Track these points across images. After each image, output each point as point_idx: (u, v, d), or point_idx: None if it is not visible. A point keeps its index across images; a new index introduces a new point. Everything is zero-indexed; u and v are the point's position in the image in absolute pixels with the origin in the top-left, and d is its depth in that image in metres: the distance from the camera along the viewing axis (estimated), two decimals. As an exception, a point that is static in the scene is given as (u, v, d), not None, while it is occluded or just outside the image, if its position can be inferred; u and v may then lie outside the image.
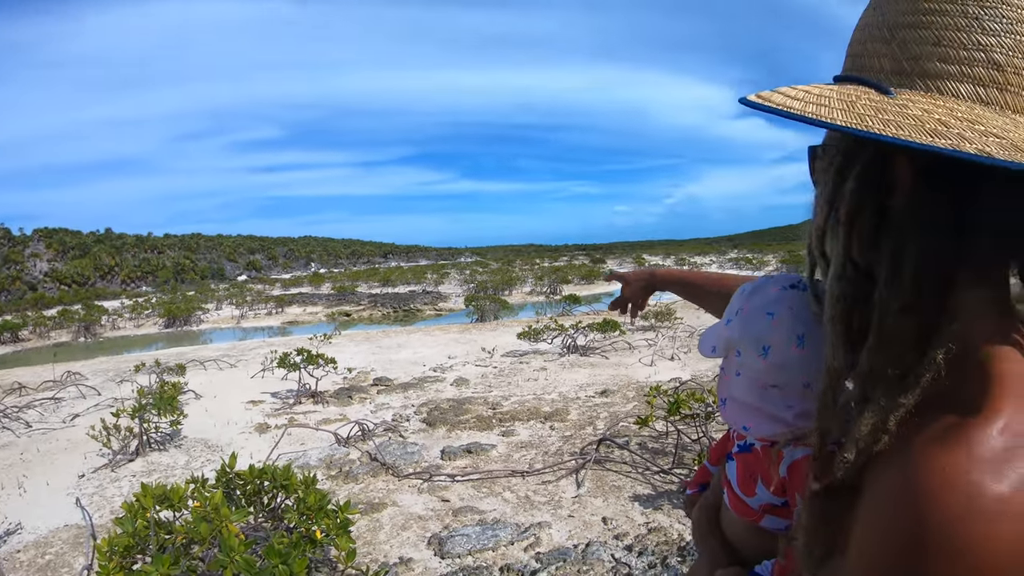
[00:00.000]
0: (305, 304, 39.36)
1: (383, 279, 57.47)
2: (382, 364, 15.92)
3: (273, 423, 10.38)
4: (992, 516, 0.62)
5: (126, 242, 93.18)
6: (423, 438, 9.06)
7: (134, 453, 8.68)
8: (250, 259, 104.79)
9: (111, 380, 15.21)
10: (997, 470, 0.64)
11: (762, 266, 55.68)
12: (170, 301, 39.24)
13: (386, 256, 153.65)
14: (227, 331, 29.90)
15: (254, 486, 4.52)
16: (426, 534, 5.96)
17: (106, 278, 71.82)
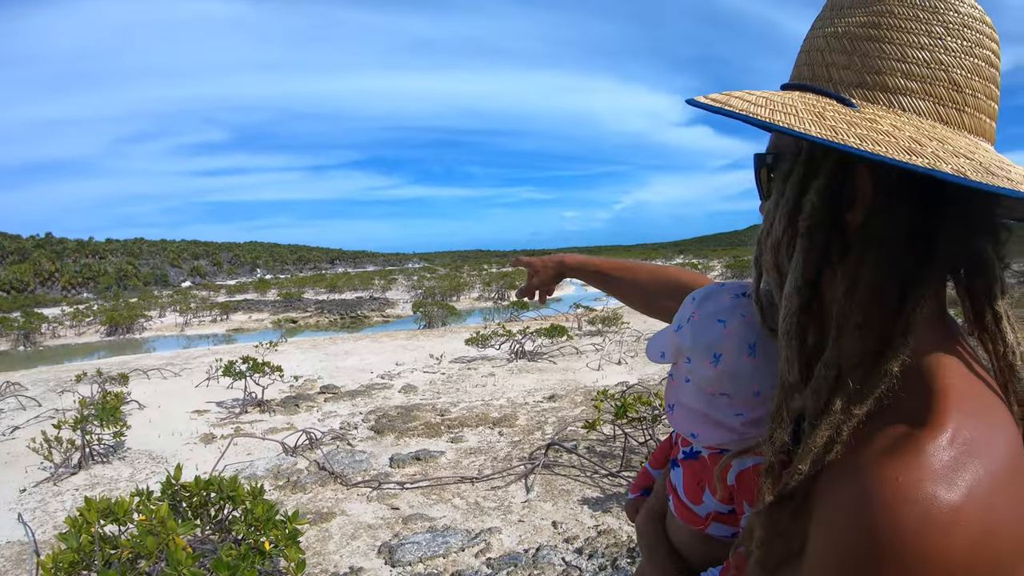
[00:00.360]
0: (251, 311, 38.96)
1: (330, 285, 57.11)
2: (329, 372, 15.83)
3: (219, 433, 10.27)
4: (946, 526, 0.64)
5: (67, 247, 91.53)
6: (371, 446, 9.03)
7: (76, 466, 8.53)
8: (194, 265, 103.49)
9: (51, 390, 14.91)
10: (949, 480, 0.66)
11: (708, 271, 56.29)
12: (112, 308, 38.57)
13: (333, 262, 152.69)
14: (171, 339, 29.47)
15: (200, 498, 4.47)
16: (376, 543, 5.94)
17: (46, 284, 70.39)
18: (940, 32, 0.82)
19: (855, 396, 0.77)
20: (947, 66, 0.82)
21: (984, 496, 0.66)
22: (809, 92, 0.87)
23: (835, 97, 0.84)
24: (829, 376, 0.80)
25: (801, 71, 0.93)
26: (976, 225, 0.83)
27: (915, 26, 0.82)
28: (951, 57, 0.82)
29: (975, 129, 0.83)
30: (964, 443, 0.69)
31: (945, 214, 0.79)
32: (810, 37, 0.94)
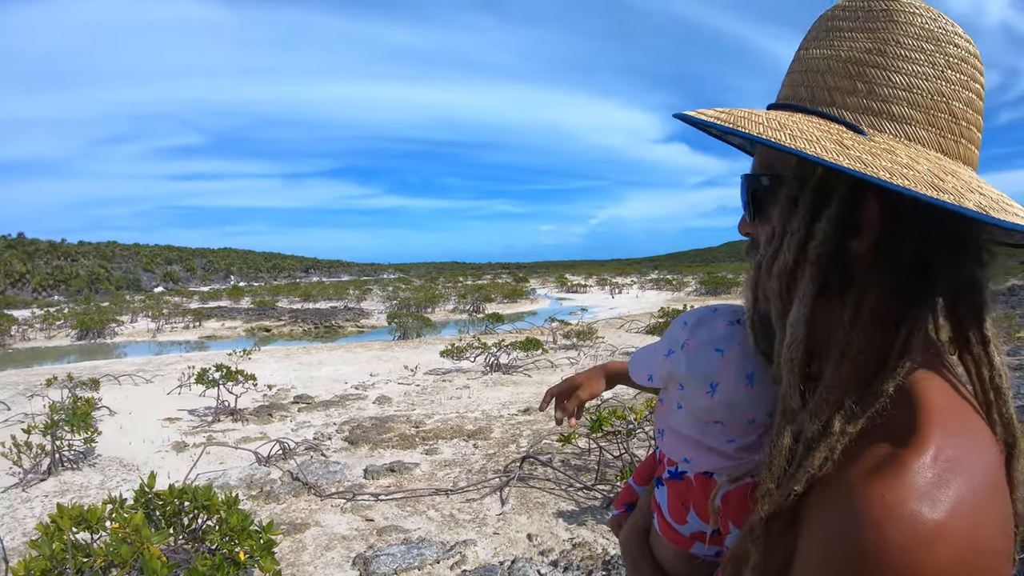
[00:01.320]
0: (224, 318, 38.72)
1: (304, 294, 56.87)
2: (303, 381, 15.75)
3: (191, 441, 10.18)
4: (930, 543, 0.66)
5: (38, 248, 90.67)
6: (345, 457, 8.99)
7: (46, 472, 8.42)
8: (167, 270, 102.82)
9: (21, 394, 14.73)
10: (933, 498, 0.68)
11: (682, 287, 56.50)
12: (83, 312, 38.21)
13: (308, 271, 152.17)
14: (143, 344, 29.24)
15: (174, 507, 4.43)
16: (351, 554, 5.90)
17: (16, 285, 69.66)
18: (942, 64, 0.85)
19: (851, 416, 0.79)
20: (948, 97, 0.84)
21: (967, 513, 0.69)
22: (812, 115, 0.87)
23: (843, 123, 0.85)
24: (830, 399, 0.82)
25: (798, 91, 0.93)
26: (966, 251, 0.84)
27: (920, 56, 0.85)
28: (951, 89, 0.85)
29: (967, 159, 0.86)
30: (947, 461, 0.71)
31: (941, 241, 0.82)
32: (804, 57, 0.94)
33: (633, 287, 62.70)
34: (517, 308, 42.64)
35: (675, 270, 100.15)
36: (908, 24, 0.86)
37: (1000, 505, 0.73)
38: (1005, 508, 0.74)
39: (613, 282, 65.47)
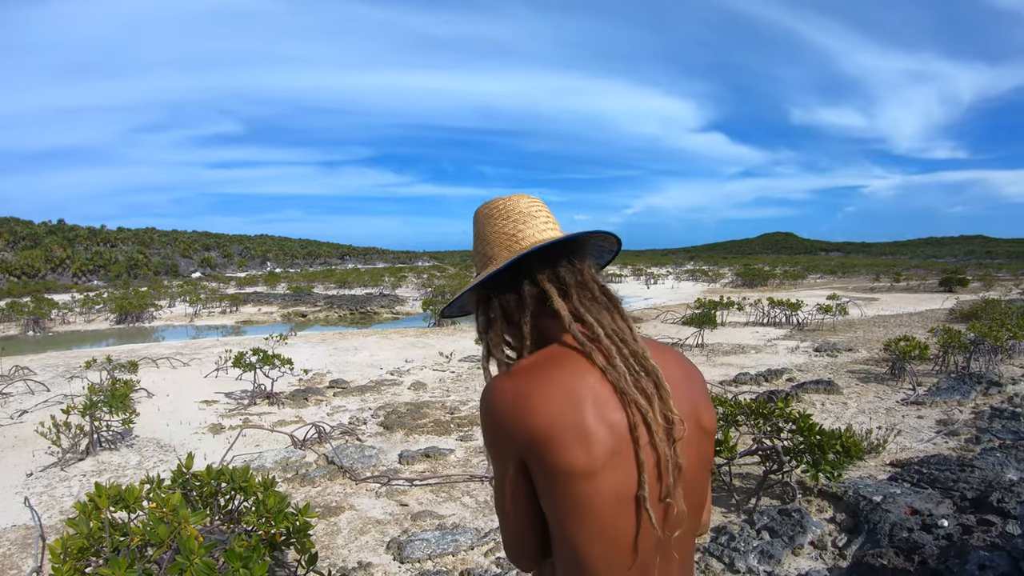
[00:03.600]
0: (260, 303, 38.98)
1: (340, 280, 57.07)
2: (338, 366, 15.81)
3: (227, 424, 10.24)
4: (494, 391, 1.42)
5: (78, 234, 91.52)
6: (380, 442, 8.99)
7: (84, 452, 8.50)
8: (204, 256, 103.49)
9: (60, 376, 14.92)
10: (504, 379, 1.44)
11: (718, 278, 56.09)
12: (122, 296, 38.60)
13: (343, 258, 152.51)
14: (180, 329, 29.49)
15: (211, 488, 4.41)
16: (385, 538, 5.89)
17: (57, 270, 70.39)
18: (490, 218, 1.68)
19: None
20: (495, 233, 1.66)
21: (512, 383, 1.40)
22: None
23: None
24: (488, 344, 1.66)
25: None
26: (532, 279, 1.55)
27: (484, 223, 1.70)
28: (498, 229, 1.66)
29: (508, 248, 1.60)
30: (513, 374, 1.44)
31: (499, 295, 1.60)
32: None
33: (669, 278, 62.33)
34: (552, 297, 42.61)
35: (711, 261, 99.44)
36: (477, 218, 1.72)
37: (537, 389, 1.36)
38: (561, 386, 1.36)
39: (649, 272, 65.13)
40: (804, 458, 6.06)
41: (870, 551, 4.75)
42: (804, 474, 6.35)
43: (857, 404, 10.03)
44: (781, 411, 6.42)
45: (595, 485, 1.30)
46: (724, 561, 5.05)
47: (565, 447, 1.30)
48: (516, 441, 1.36)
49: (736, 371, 13.32)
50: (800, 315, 21.44)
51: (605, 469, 1.31)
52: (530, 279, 1.53)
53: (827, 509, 5.98)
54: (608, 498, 1.31)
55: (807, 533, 5.35)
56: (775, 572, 4.87)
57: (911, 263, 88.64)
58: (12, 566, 5.62)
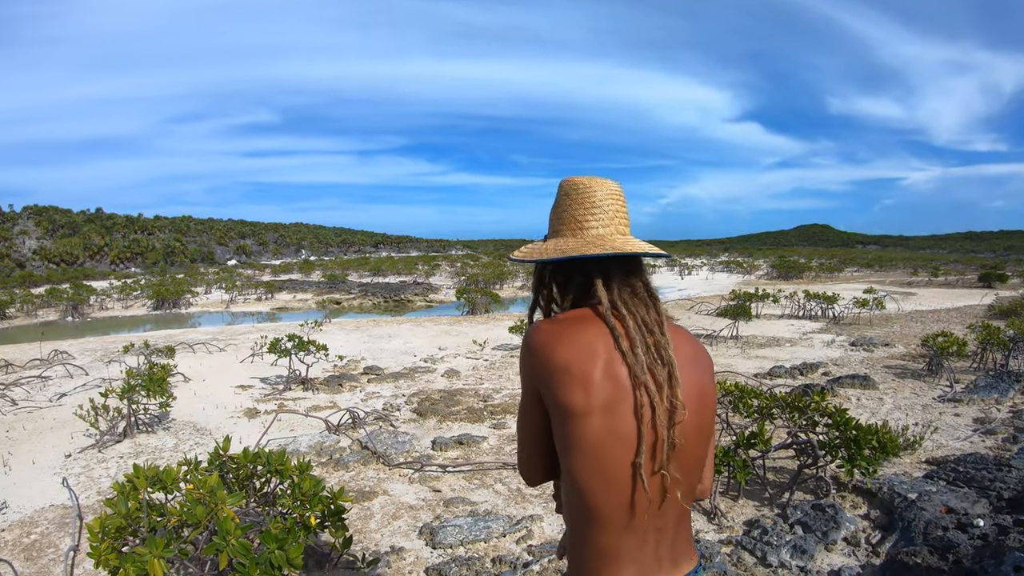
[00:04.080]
0: (295, 291, 39.24)
1: (374, 268, 57.32)
2: (372, 353, 15.88)
3: (262, 408, 10.32)
4: (534, 332, 1.71)
5: (116, 222, 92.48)
6: (414, 428, 9.02)
7: (122, 434, 8.60)
8: (240, 244, 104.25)
9: (99, 360, 15.12)
10: (540, 325, 1.73)
11: (753, 270, 55.63)
12: (159, 283, 39.04)
13: (377, 246, 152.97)
14: (216, 315, 29.78)
15: (247, 471, 4.45)
16: (417, 524, 5.91)
17: (95, 258, 71.26)
18: (568, 197, 1.88)
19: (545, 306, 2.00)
20: (568, 214, 1.87)
21: (552, 326, 1.70)
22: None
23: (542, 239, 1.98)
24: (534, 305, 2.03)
25: None
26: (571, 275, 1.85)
27: (564, 199, 1.90)
28: (569, 211, 1.87)
29: (570, 233, 1.85)
30: (554, 321, 1.73)
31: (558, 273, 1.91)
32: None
33: (703, 269, 62.01)
34: (585, 286, 42.51)
35: (746, 252, 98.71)
36: (559, 189, 1.93)
37: (568, 335, 1.67)
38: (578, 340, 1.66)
39: (683, 263, 64.80)
40: (839, 453, 5.98)
41: (904, 549, 4.70)
42: (839, 469, 6.28)
43: (893, 400, 9.90)
44: (817, 405, 6.35)
45: (590, 426, 1.58)
46: (756, 555, 5.01)
47: (569, 389, 1.60)
48: (536, 374, 1.68)
49: (771, 364, 13.21)
50: (836, 308, 21.17)
51: (600, 414, 1.58)
52: (582, 269, 1.80)
53: (861, 505, 5.91)
54: (599, 440, 1.59)
55: (841, 529, 5.30)
56: (807, 567, 4.82)
57: (950, 257, 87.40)
58: (50, 544, 5.70)
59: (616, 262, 1.77)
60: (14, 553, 5.54)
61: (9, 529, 6.05)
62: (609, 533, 1.65)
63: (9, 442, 8.65)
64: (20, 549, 5.62)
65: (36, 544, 5.72)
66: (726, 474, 6.20)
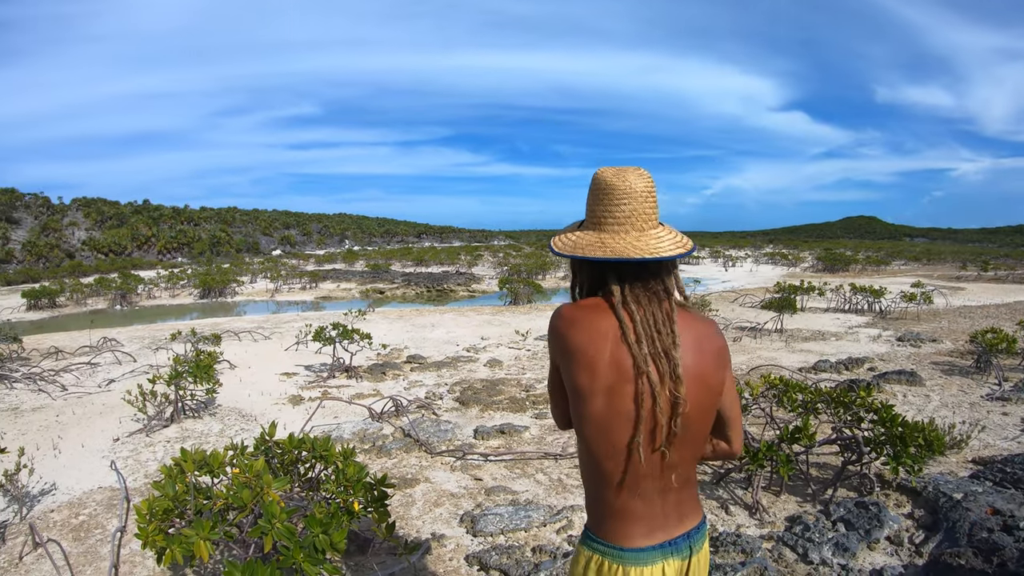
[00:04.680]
0: (339, 280, 39.51)
1: (417, 258, 57.54)
2: (415, 342, 15.94)
3: (306, 395, 10.41)
4: (560, 313, 1.94)
5: (163, 213, 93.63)
6: (456, 417, 9.04)
7: (169, 419, 8.73)
8: (284, 234, 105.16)
9: (147, 347, 15.33)
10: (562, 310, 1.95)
11: (798, 262, 55.03)
12: (205, 272, 39.51)
13: (420, 236, 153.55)
14: (261, 304, 30.07)
15: (292, 456, 4.49)
16: (459, 511, 5.92)
17: (142, 248, 72.27)
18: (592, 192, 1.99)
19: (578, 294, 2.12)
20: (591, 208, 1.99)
21: (572, 311, 1.92)
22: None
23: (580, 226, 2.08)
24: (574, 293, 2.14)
25: None
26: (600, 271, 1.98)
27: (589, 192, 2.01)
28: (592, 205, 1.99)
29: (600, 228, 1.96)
30: (574, 306, 1.94)
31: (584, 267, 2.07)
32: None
33: (747, 260, 61.47)
34: (628, 278, 42.30)
35: (791, 244, 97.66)
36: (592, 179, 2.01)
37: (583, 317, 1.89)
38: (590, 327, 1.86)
39: (727, 255, 64.28)
40: (884, 450, 5.88)
41: (948, 550, 4.62)
42: (883, 467, 6.20)
43: (940, 397, 9.71)
44: (863, 400, 6.25)
45: (595, 404, 1.84)
46: (797, 551, 4.96)
47: (578, 371, 1.85)
48: (555, 351, 1.96)
49: (815, 358, 13.05)
50: (883, 302, 20.80)
51: (603, 395, 1.82)
52: (597, 264, 1.96)
53: (905, 504, 5.82)
54: (603, 416, 1.84)
55: (884, 527, 5.22)
56: (849, 565, 4.76)
57: (1000, 252, 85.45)
58: (97, 525, 5.79)
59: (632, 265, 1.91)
60: (63, 533, 5.64)
61: (58, 510, 6.16)
62: (618, 494, 1.91)
63: (59, 426, 8.80)
64: (69, 529, 5.72)
65: (84, 525, 5.82)
66: (769, 469, 6.12)
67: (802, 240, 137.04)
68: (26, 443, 8.03)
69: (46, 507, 6.25)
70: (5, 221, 68.03)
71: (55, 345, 15.43)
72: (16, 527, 5.80)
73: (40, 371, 11.96)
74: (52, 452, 7.80)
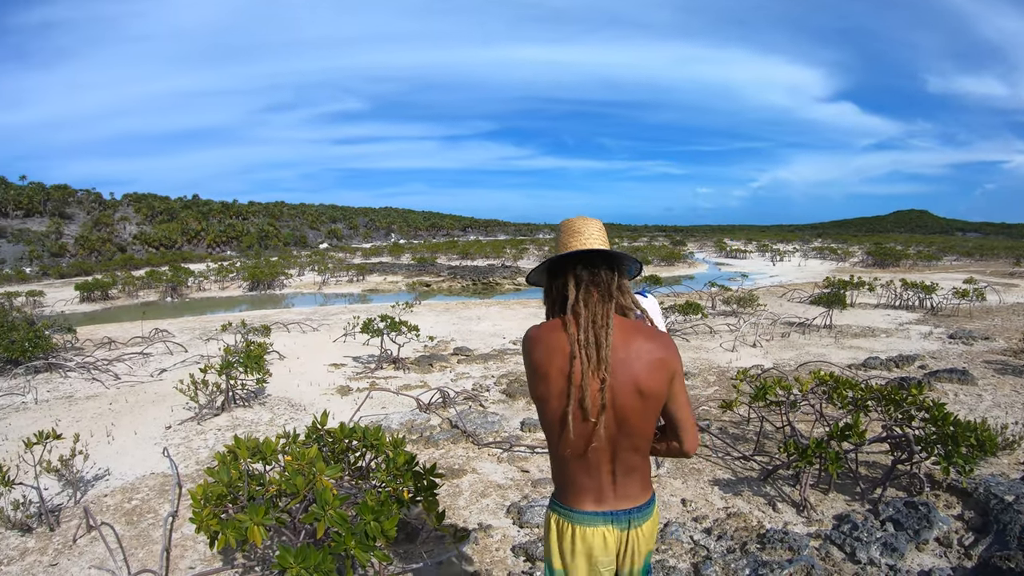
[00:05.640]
0: (385, 273, 39.71)
1: (462, 252, 57.65)
2: (462, 334, 15.98)
3: (354, 386, 10.48)
4: (529, 334, 2.42)
5: (212, 208, 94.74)
6: (503, 408, 9.05)
7: (220, 408, 8.84)
8: (331, 228, 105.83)
9: (197, 338, 15.54)
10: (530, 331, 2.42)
11: (847, 256, 54.22)
12: (254, 265, 39.87)
13: (465, 230, 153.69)
14: (309, 296, 30.29)
15: (342, 445, 4.51)
16: (505, 502, 5.93)
17: (192, 242, 73.21)
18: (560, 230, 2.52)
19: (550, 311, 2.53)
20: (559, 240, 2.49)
21: (535, 332, 2.39)
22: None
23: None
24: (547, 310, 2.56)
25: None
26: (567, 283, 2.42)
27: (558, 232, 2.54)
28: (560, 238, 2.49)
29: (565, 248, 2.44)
30: (538, 327, 2.40)
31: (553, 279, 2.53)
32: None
33: (795, 255, 60.75)
34: (674, 271, 42.04)
35: (840, 239, 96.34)
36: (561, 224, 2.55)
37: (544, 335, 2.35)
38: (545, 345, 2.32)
39: (774, 248, 63.62)
40: (935, 449, 5.76)
41: (997, 552, 4.52)
42: (934, 467, 6.09)
43: (992, 397, 9.48)
44: (914, 398, 6.14)
45: (549, 407, 2.33)
46: (845, 550, 4.89)
47: (536, 381, 2.36)
48: (525, 362, 2.44)
49: (865, 355, 12.84)
50: (934, 299, 20.36)
51: (553, 399, 2.31)
52: (562, 277, 2.44)
53: (955, 505, 5.70)
54: (554, 413, 2.33)
55: (933, 528, 5.12)
56: (897, 566, 4.68)
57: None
58: (150, 510, 5.88)
59: (583, 268, 2.42)
60: (116, 517, 5.74)
61: (111, 494, 6.27)
62: (572, 470, 2.42)
63: (112, 414, 8.95)
64: (121, 513, 5.82)
65: (136, 509, 5.91)
66: (817, 466, 6.04)
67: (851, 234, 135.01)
68: (80, 430, 8.19)
69: (100, 492, 6.38)
70: (58, 216, 69.37)
71: (108, 336, 15.71)
72: (71, 510, 5.92)
73: (94, 360, 12.18)
74: (106, 439, 7.93)
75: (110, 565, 4.81)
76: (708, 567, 4.62)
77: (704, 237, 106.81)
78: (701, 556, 4.89)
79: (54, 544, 5.28)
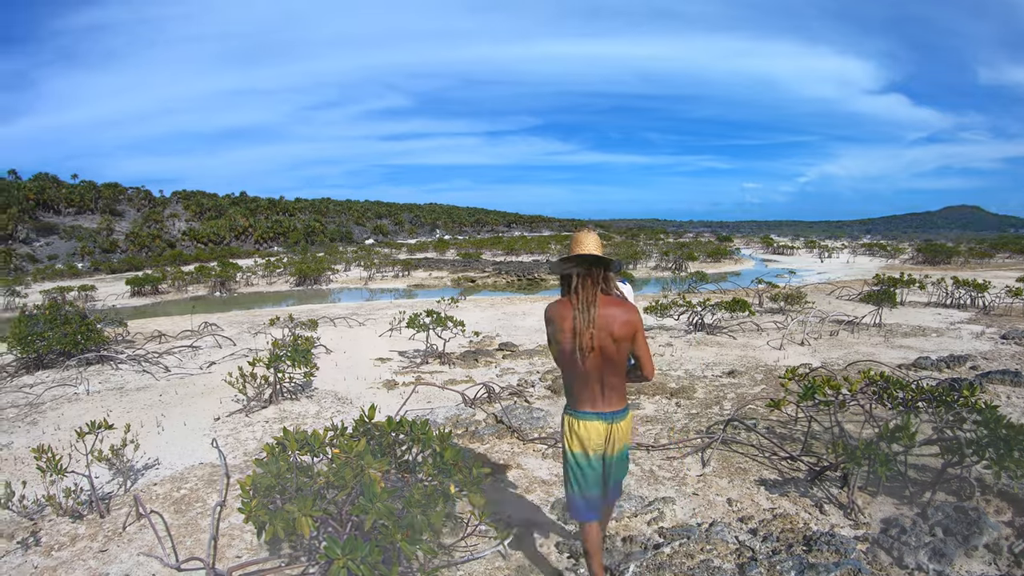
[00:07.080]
0: (431, 269, 39.89)
1: (507, 248, 57.73)
2: (507, 330, 16.00)
3: (400, 380, 10.54)
4: (548, 309, 3.84)
5: (259, 204, 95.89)
6: (548, 404, 9.03)
7: (267, 400, 8.93)
8: (377, 224, 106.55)
9: (245, 332, 15.73)
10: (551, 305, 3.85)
11: (897, 253, 53.38)
12: (301, 261, 40.29)
13: (509, 225, 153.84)
14: (355, 291, 30.56)
15: (389, 438, 4.53)
16: (549, 499, 5.92)
17: (240, 238, 74.12)
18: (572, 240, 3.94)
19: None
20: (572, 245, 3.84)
21: (552, 305, 3.82)
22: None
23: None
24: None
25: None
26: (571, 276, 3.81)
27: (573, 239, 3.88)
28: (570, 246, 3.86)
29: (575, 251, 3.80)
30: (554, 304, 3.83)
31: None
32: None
33: (844, 251, 60.02)
34: (720, 268, 41.75)
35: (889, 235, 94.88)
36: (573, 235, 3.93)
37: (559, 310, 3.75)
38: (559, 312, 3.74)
39: (822, 245, 62.87)
40: (987, 453, 5.62)
41: (1047, 561, 4.43)
42: (985, 471, 5.96)
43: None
44: (966, 400, 6.01)
45: (560, 341, 3.69)
46: (892, 555, 4.80)
47: (554, 332, 3.73)
48: (548, 324, 3.79)
49: (915, 354, 12.61)
50: (986, 297, 19.90)
51: (566, 343, 3.67)
52: (568, 274, 3.73)
53: (1005, 511, 5.56)
54: (563, 346, 3.69)
55: (983, 535, 5.00)
56: (945, 572, 4.58)
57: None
58: (198, 499, 5.97)
59: (581, 266, 3.68)
60: (164, 506, 5.83)
61: (160, 484, 6.38)
62: (576, 387, 3.79)
63: (162, 405, 9.09)
64: (170, 502, 5.92)
65: (185, 498, 6.00)
66: (866, 468, 5.93)
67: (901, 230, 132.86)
68: (131, 420, 8.32)
69: (149, 481, 6.49)
70: (109, 214, 70.64)
71: (158, 329, 15.97)
72: (121, 499, 6.03)
73: (144, 353, 12.38)
74: (155, 429, 8.06)
75: (158, 552, 4.88)
76: (753, 568, 4.57)
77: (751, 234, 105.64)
78: (746, 557, 4.83)
79: (104, 531, 5.38)
